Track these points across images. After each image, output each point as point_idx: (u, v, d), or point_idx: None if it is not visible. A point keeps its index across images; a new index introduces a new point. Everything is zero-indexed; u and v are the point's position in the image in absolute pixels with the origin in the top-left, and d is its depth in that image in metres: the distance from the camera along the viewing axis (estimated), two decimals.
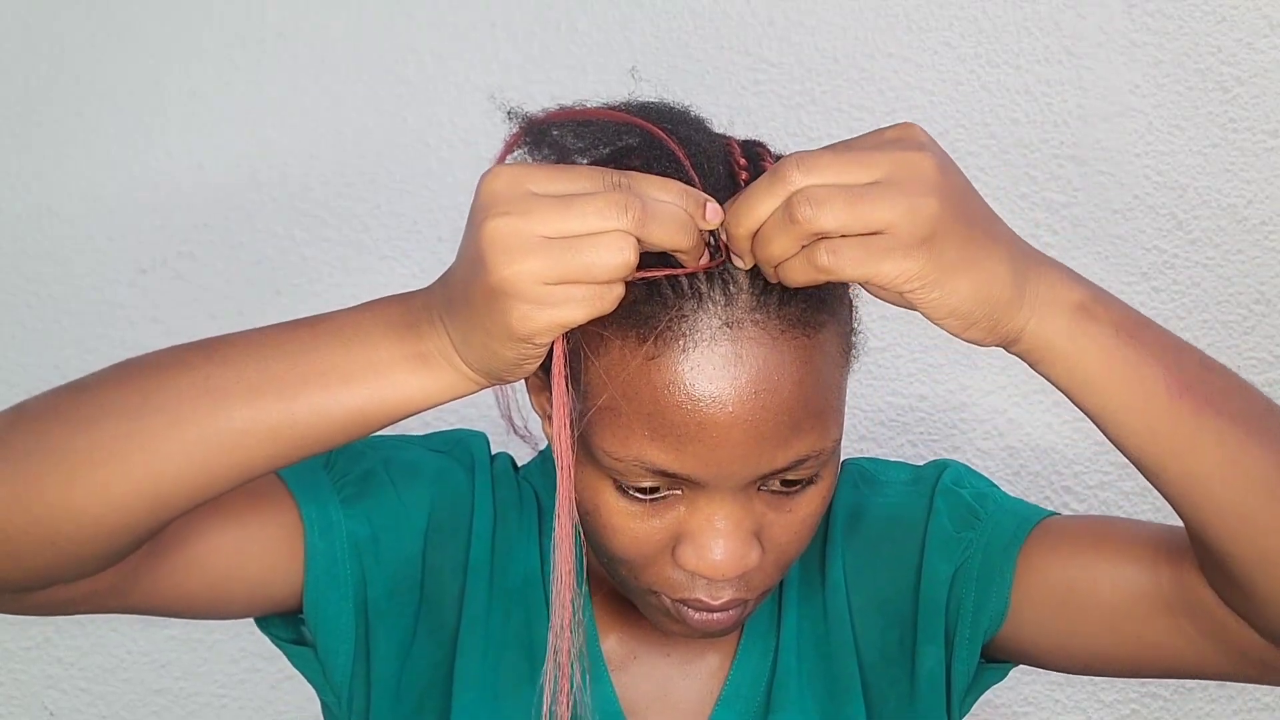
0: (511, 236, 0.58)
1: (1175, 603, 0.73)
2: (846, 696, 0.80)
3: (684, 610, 0.71)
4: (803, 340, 0.65)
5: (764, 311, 0.64)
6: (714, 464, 0.65)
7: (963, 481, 0.84)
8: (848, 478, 0.86)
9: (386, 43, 1.27)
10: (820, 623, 0.82)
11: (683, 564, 0.69)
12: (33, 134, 1.25)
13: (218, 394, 0.64)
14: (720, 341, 0.64)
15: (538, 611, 0.81)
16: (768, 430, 0.65)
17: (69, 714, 1.29)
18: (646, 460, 0.66)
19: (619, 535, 0.70)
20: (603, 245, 0.58)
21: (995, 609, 0.79)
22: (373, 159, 1.27)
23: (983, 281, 0.61)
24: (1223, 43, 1.28)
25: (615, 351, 0.65)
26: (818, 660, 0.81)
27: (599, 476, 0.69)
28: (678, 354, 0.64)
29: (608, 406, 0.66)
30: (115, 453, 0.63)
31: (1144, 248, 1.30)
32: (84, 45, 1.25)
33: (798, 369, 0.65)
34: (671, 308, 0.64)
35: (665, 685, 0.81)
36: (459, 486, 0.82)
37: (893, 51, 1.28)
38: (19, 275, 1.26)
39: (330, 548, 0.78)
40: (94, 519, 0.63)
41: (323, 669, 0.80)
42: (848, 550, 0.83)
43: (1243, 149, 1.29)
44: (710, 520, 0.68)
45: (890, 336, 1.30)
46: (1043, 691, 1.34)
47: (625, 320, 0.65)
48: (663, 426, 0.65)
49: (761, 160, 0.69)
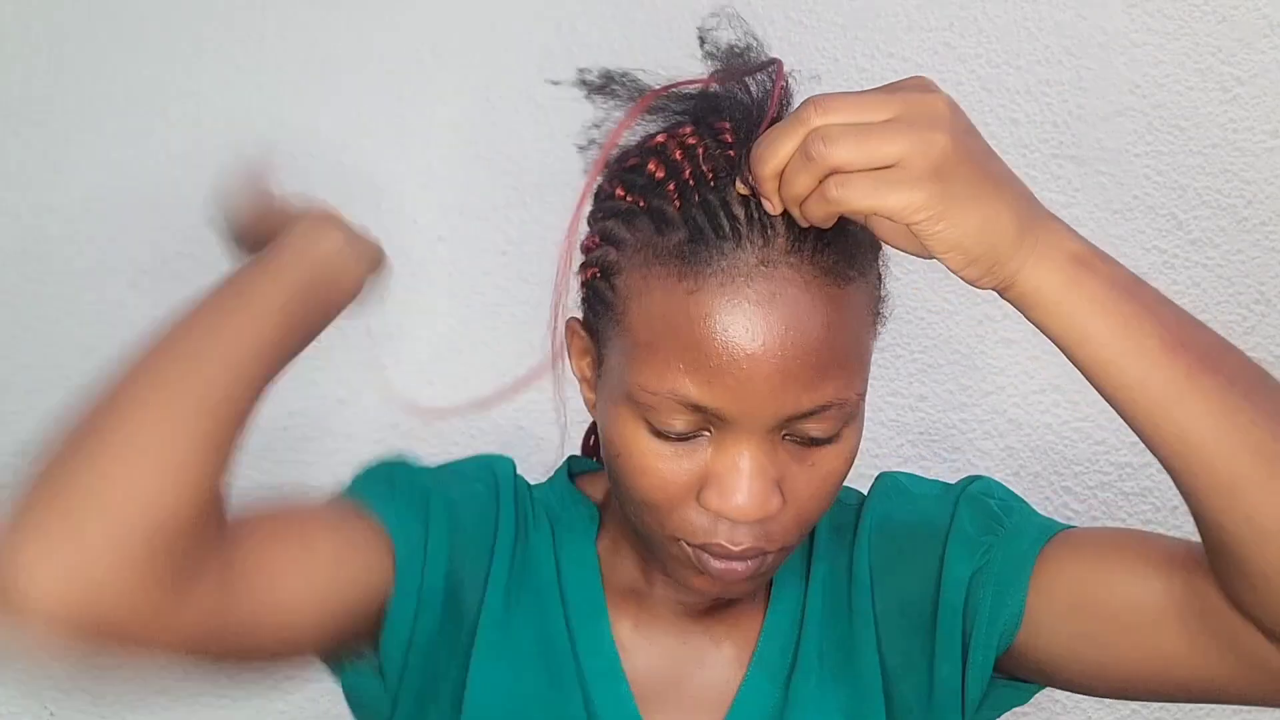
0: None
1: (1188, 612, 0.73)
2: (867, 695, 0.80)
3: (704, 558, 0.73)
4: (833, 289, 0.69)
5: (798, 255, 0.68)
6: (743, 398, 0.68)
7: (992, 492, 0.85)
8: (881, 489, 0.87)
9: (386, 42, 1.27)
10: (845, 620, 0.82)
11: (706, 504, 0.71)
12: (33, 134, 1.25)
13: (204, 325, 0.71)
14: (756, 279, 0.68)
15: (554, 616, 0.82)
16: (796, 370, 0.68)
17: (69, 714, 1.29)
18: (680, 393, 0.69)
19: (647, 476, 0.72)
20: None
21: (1011, 614, 0.79)
22: (372, 158, 1.27)
23: (987, 218, 0.64)
24: (1223, 43, 1.28)
25: (658, 290, 0.69)
26: (840, 657, 0.82)
27: (633, 418, 0.72)
28: (715, 288, 0.68)
29: (647, 343, 0.70)
30: (145, 420, 0.65)
31: (1144, 248, 1.30)
32: (84, 45, 1.25)
33: (827, 314, 0.68)
34: (712, 246, 0.68)
35: (680, 675, 0.82)
36: (486, 509, 0.84)
37: (893, 51, 1.28)
38: (19, 275, 1.26)
39: (409, 581, 0.79)
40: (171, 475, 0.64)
41: (387, 693, 0.80)
42: (874, 553, 0.84)
43: (1243, 149, 1.29)
44: (736, 462, 0.70)
45: (890, 336, 1.30)
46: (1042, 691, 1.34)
47: (669, 260, 0.69)
48: (698, 359, 0.68)
49: None
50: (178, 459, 0.65)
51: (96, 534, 0.62)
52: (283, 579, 0.72)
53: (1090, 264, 0.65)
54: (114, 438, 0.64)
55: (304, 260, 0.77)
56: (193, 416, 0.66)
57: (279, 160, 1.13)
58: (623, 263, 0.72)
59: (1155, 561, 0.75)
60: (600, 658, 0.81)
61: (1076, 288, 0.65)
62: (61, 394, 0.65)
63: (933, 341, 1.30)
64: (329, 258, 0.79)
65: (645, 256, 0.70)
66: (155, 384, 0.66)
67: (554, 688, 0.80)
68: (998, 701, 0.83)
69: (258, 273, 0.76)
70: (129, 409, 0.65)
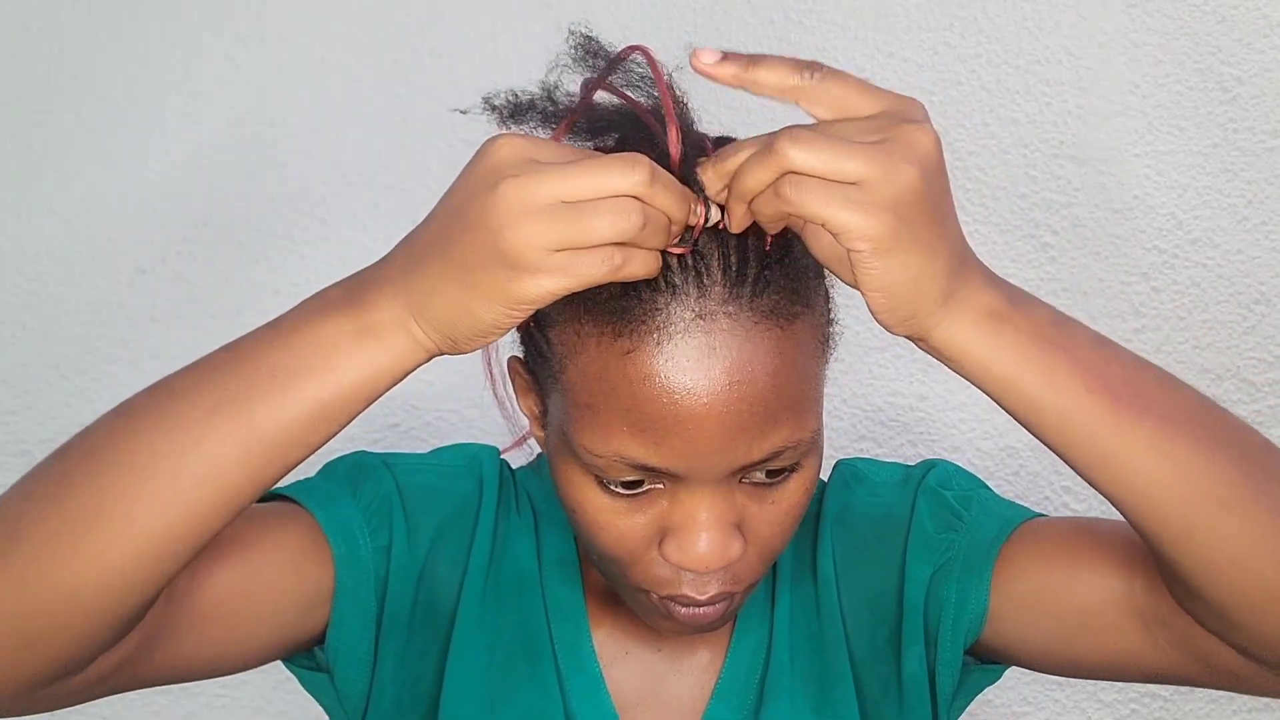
0: (521, 200, 0.58)
1: (1148, 612, 0.73)
2: (838, 691, 0.81)
3: (672, 607, 0.72)
4: (776, 332, 0.66)
5: (737, 303, 0.65)
6: (692, 456, 0.66)
7: (949, 483, 0.84)
8: (839, 477, 0.87)
9: (386, 43, 1.27)
10: (813, 617, 0.82)
11: (667, 558, 0.69)
12: (33, 134, 1.25)
13: (177, 431, 0.62)
14: (694, 333, 0.64)
15: (535, 617, 0.81)
16: (744, 421, 0.65)
17: (69, 714, 1.29)
18: (626, 455, 0.66)
19: (604, 532, 0.70)
20: (609, 210, 0.58)
21: (975, 610, 0.79)
22: (372, 159, 1.27)
23: (923, 270, 0.61)
24: (1223, 43, 1.28)
25: (593, 348, 0.66)
26: (810, 654, 0.82)
27: (582, 474, 0.69)
28: (652, 347, 0.64)
29: (587, 404, 0.67)
30: (93, 519, 0.61)
31: (1144, 247, 1.30)
32: (84, 45, 1.25)
33: (772, 360, 0.65)
34: (645, 301, 0.64)
35: (657, 681, 0.82)
36: (467, 501, 0.83)
37: (893, 51, 1.28)
38: (19, 275, 1.26)
39: (358, 585, 0.78)
40: (94, 590, 0.62)
41: (338, 695, 0.81)
42: (837, 546, 0.84)
43: (1243, 149, 1.29)
44: (692, 513, 0.68)
45: (890, 336, 1.30)
46: (1042, 691, 1.34)
47: (601, 317, 0.65)
48: (640, 420, 0.65)
49: None
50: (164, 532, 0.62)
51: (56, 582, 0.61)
52: (227, 604, 0.72)
53: (1008, 318, 0.63)
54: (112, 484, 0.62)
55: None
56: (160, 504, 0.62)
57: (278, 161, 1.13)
58: (554, 315, 0.68)
59: (1116, 561, 0.75)
60: (579, 661, 0.80)
61: (994, 340, 0.63)
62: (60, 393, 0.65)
63: None
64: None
65: (576, 310, 0.66)
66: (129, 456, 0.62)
67: (534, 688, 0.80)
68: (971, 686, 0.84)
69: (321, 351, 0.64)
70: (96, 474, 0.62)
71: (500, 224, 0.58)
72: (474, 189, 0.60)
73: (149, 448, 0.62)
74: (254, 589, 0.73)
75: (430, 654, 0.80)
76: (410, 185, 1.28)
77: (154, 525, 0.61)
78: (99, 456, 0.63)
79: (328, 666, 0.80)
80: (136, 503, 0.61)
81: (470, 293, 0.60)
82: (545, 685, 0.80)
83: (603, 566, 0.74)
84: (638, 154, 0.59)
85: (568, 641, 0.81)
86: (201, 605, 0.71)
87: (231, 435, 0.62)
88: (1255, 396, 1.32)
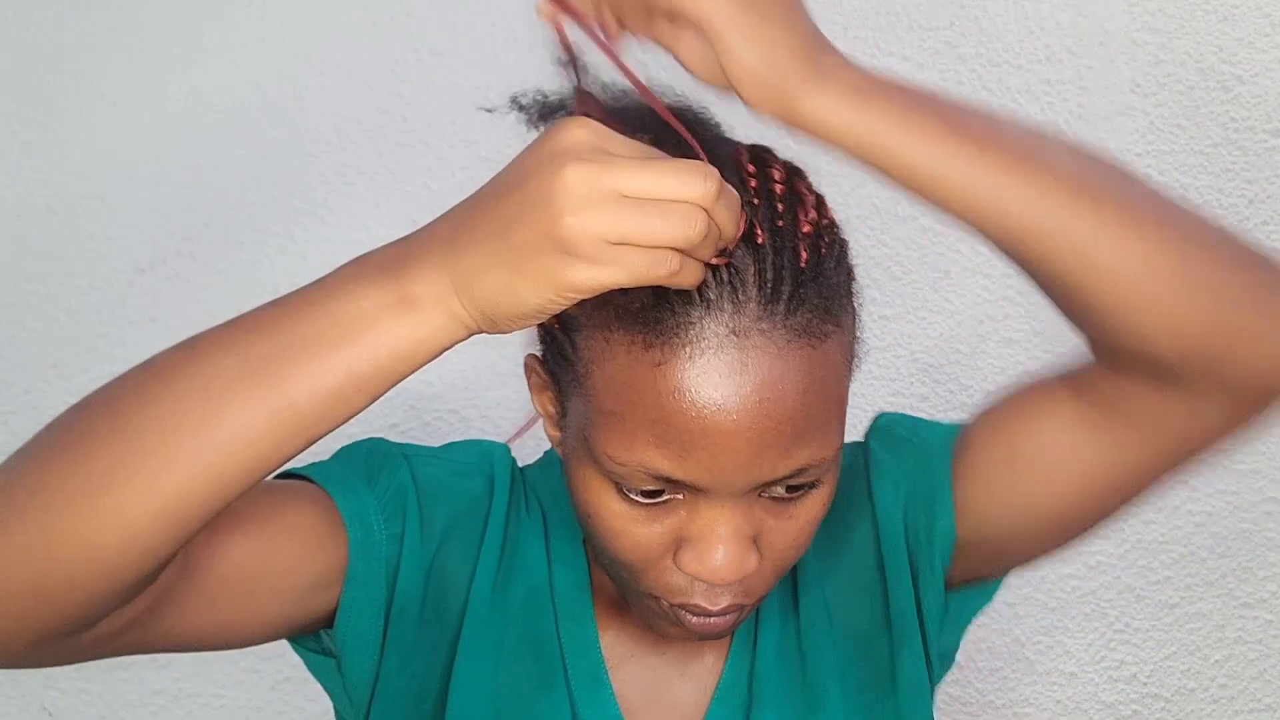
0: (588, 187, 0.57)
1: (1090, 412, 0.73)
2: (825, 695, 0.81)
3: (682, 614, 0.72)
4: (808, 351, 0.65)
5: (771, 321, 0.65)
6: (716, 471, 0.66)
7: (895, 422, 0.86)
8: None
9: (386, 43, 1.27)
10: (791, 613, 0.83)
11: (683, 567, 0.69)
12: (33, 134, 1.25)
13: (206, 394, 0.61)
14: (727, 349, 0.64)
15: (544, 617, 0.81)
16: (771, 439, 0.65)
17: (68, 714, 1.29)
18: (650, 466, 0.66)
19: (620, 539, 0.70)
20: (675, 213, 0.58)
21: (945, 523, 0.80)
22: (372, 158, 1.27)
23: (781, 41, 0.62)
24: (1224, 42, 1.28)
25: (622, 357, 0.66)
26: (793, 660, 0.82)
27: (601, 481, 0.69)
28: (684, 360, 0.64)
29: (613, 412, 0.66)
30: (115, 478, 0.61)
31: None
32: (84, 45, 1.25)
33: (802, 379, 0.65)
34: (680, 314, 0.64)
35: (662, 684, 0.82)
36: (478, 499, 0.83)
37: (893, 51, 1.28)
38: (19, 275, 1.26)
39: (370, 570, 0.78)
40: (113, 549, 0.61)
41: (344, 682, 0.80)
42: (814, 546, 0.84)
43: (1244, 149, 1.29)
44: (712, 526, 0.68)
45: (890, 336, 1.30)
46: (1043, 692, 1.34)
47: (633, 325, 0.65)
48: (667, 433, 0.65)
49: (769, 166, 0.69)
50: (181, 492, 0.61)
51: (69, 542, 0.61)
52: (240, 576, 0.72)
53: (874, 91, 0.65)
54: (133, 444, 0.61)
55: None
56: (183, 467, 0.61)
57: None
58: (582, 319, 0.68)
59: (1048, 392, 0.76)
60: (587, 663, 0.80)
61: (863, 109, 0.64)
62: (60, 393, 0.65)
63: (933, 341, 1.30)
64: None
65: (607, 317, 0.66)
66: (155, 417, 0.61)
67: (541, 689, 0.80)
68: (961, 609, 0.84)
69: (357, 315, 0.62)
70: (120, 431, 0.62)
71: (562, 207, 0.57)
72: (537, 169, 0.58)
73: (175, 410, 0.61)
74: (267, 563, 0.73)
75: (439, 650, 0.80)
76: (411, 185, 1.28)
77: (176, 488, 0.61)
78: (125, 415, 0.62)
79: (335, 651, 0.80)
80: (160, 465, 0.60)
81: (519, 274, 0.58)
82: (553, 686, 0.79)
83: (613, 571, 0.74)
84: (710, 165, 0.59)
85: (576, 643, 0.81)
86: (215, 574, 0.70)
87: (261, 402, 0.60)
88: None
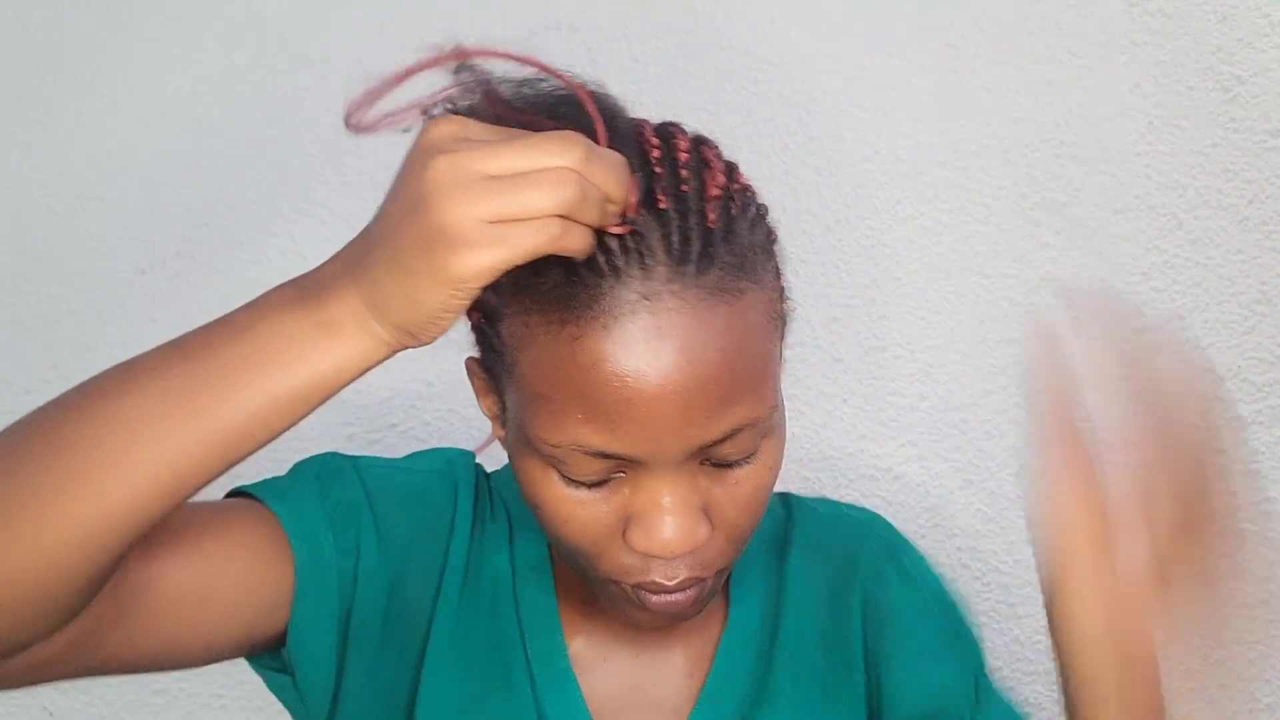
0: (454, 174, 0.58)
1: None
2: (844, 689, 0.81)
3: (643, 595, 0.71)
4: (724, 309, 0.65)
5: (681, 281, 0.64)
6: (648, 439, 0.65)
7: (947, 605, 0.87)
8: (877, 541, 0.88)
9: (386, 43, 1.27)
10: (821, 612, 0.83)
11: (633, 545, 0.69)
12: (33, 134, 1.25)
13: (127, 417, 0.61)
14: (639, 314, 0.64)
15: (508, 623, 0.81)
16: (698, 400, 0.65)
17: (68, 714, 1.29)
18: (583, 443, 0.66)
19: (569, 524, 0.70)
20: (545, 180, 0.58)
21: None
22: (372, 159, 1.27)
23: None
24: (1223, 42, 1.28)
25: (541, 338, 0.66)
26: (815, 651, 0.82)
27: (542, 468, 0.69)
28: (599, 331, 0.64)
29: (541, 394, 0.66)
30: (32, 503, 0.60)
31: (1145, 247, 1.29)
32: (84, 45, 1.25)
33: (721, 336, 0.65)
34: (589, 286, 0.64)
35: (637, 686, 0.81)
36: (441, 508, 0.82)
37: (893, 51, 1.28)
38: (19, 275, 1.26)
39: (320, 585, 0.77)
40: (30, 575, 0.60)
41: (301, 698, 0.80)
42: (869, 625, 0.84)
43: (1243, 149, 1.29)
44: (655, 499, 0.68)
45: (890, 336, 1.30)
46: (1043, 692, 1.34)
47: (547, 305, 0.65)
48: (594, 406, 0.65)
49: (674, 139, 0.69)
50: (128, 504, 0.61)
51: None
52: (181, 598, 0.70)
53: None
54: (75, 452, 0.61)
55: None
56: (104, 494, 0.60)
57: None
58: (503, 308, 0.68)
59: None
60: (553, 670, 0.80)
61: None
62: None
63: (933, 341, 1.30)
64: None
65: (524, 303, 0.66)
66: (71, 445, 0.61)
67: (507, 698, 0.79)
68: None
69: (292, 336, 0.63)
70: (35, 459, 0.61)
71: (433, 199, 0.58)
72: (410, 170, 0.60)
73: (95, 433, 0.61)
74: (209, 584, 0.72)
75: (405, 664, 0.79)
76: None
77: (94, 511, 0.60)
78: (44, 438, 0.61)
79: (290, 668, 0.79)
80: (78, 487, 0.60)
81: (413, 277, 0.59)
82: (519, 695, 0.79)
83: (571, 561, 0.73)
84: (573, 131, 0.59)
85: (541, 650, 0.80)
86: (154, 597, 0.69)
87: (183, 424, 0.61)
88: (1256, 396, 1.32)
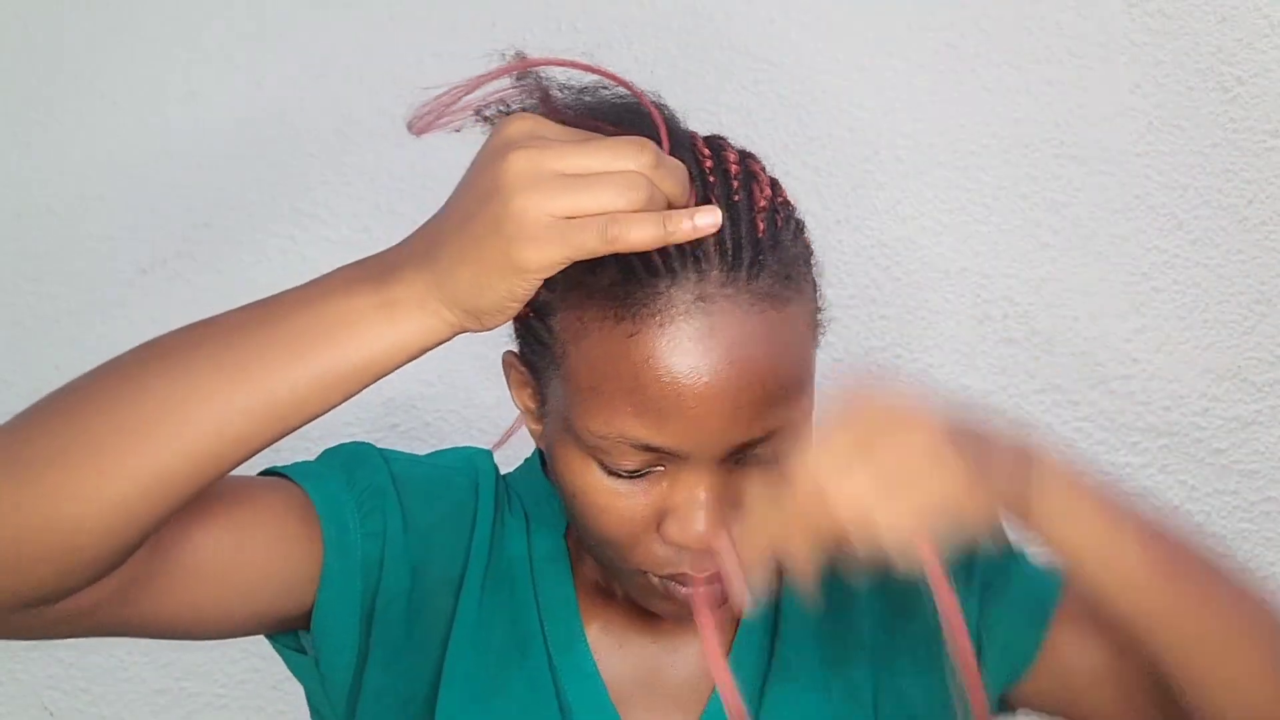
0: (531, 169, 0.61)
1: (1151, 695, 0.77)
2: (852, 668, 0.81)
3: (672, 587, 0.74)
4: (772, 314, 0.69)
5: (734, 286, 0.68)
6: (694, 435, 0.68)
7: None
8: None
9: (386, 43, 1.27)
10: (835, 620, 0.82)
11: (668, 537, 0.71)
12: (33, 134, 1.25)
13: (193, 379, 0.64)
14: (694, 315, 0.67)
15: (527, 610, 0.82)
16: (743, 400, 0.68)
17: (69, 714, 1.29)
18: (630, 435, 0.69)
19: (606, 514, 0.72)
20: (616, 182, 0.61)
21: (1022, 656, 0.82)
22: (372, 159, 1.27)
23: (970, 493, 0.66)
24: (1223, 42, 1.28)
25: (595, 333, 0.69)
26: (821, 633, 0.82)
27: (584, 457, 0.72)
28: (655, 329, 0.67)
29: (591, 387, 0.69)
30: (95, 454, 0.63)
31: (1145, 247, 1.30)
32: (84, 45, 1.25)
33: (768, 341, 0.69)
34: (647, 286, 0.68)
35: (655, 670, 0.82)
36: (464, 501, 0.84)
37: (893, 51, 1.28)
38: (19, 275, 1.26)
39: (345, 568, 0.78)
40: (83, 523, 0.63)
41: (322, 680, 0.81)
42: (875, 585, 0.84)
43: (1243, 149, 1.29)
44: (693, 493, 0.70)
45: (890, 336, 1.30)
46: None
47: (604, 301, 0.68)
48: (644, 401, 0.68)
49: (724, 151, 0.72)
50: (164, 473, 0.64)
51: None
52: (210, 566, 0.72)
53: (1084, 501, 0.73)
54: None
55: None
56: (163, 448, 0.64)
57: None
58: (555, 302, 0.71)
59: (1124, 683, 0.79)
60: (574, 656, 0.81)
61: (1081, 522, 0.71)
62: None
63: (933, 341, 1.30)
64: None
65: (578, 297, 0.70)
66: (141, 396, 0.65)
67: (526, 684, 0.80)
68: None
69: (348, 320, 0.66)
70: (107, 407, 0.64)
71: (510, 192, 0.61)
72: (486, 163, 0.63)
73: (161, 392, 0.64)
74: (239, 554, 0.74)
75: (428, 649, 0.80)
76: (410, 185, 1.28)
77: (152, 468, 0.64)
78: (110, 393, 0.65)
79: (313, 650, 0.80)
80: (139, 444, 0.63)
81: (484, 265, 0.62)
82: (538, 680, 0.80)
83: (600, 551, 0.75)
84: (645, 139, 0.62)
85: (560, 635, 0.81)
86: (185, 562, 0.72)
87: (243, 391, 0.64)
88: (1256, 397, 1.32)
